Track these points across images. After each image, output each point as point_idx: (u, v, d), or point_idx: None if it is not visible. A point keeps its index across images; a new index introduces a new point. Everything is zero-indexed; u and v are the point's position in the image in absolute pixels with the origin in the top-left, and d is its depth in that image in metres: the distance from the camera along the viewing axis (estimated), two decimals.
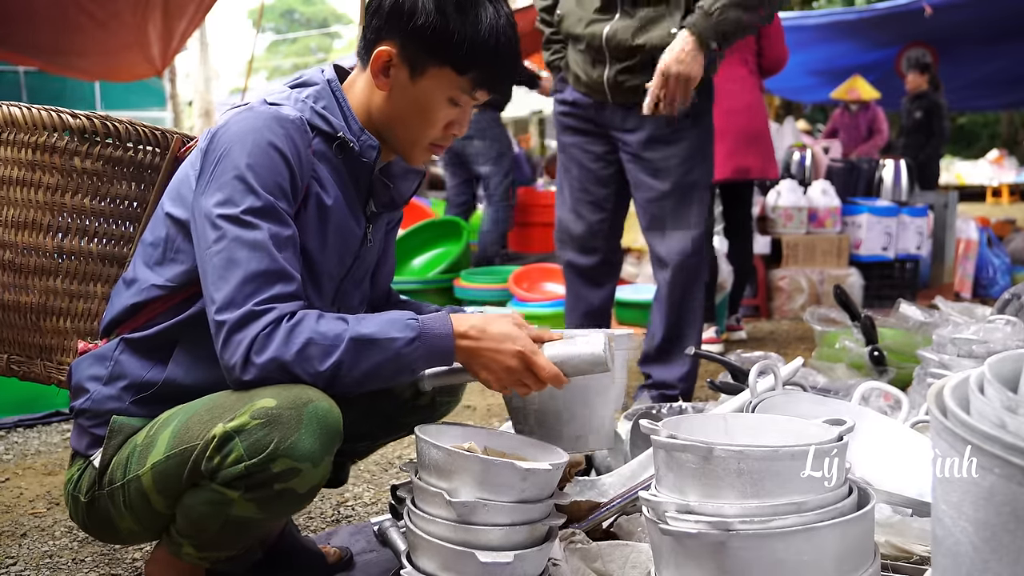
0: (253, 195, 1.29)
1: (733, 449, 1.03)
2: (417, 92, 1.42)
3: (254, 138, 1.31)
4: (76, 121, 1.49)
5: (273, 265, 1.27)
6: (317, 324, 1.27)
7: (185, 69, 10.84)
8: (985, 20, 7.26)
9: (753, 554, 1.00)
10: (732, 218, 4.21)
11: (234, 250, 1.27)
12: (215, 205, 1.29)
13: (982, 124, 21.07)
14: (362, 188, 1.49)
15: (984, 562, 0.79)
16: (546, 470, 1.29)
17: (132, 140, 1.53)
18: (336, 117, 1.43)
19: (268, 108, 1.37)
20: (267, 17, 28.35)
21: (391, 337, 1.29)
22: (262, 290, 1.26)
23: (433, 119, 1.44)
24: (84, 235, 1.54)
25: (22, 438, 2.71)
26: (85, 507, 1.39)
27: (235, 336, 1.25)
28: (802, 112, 11.87)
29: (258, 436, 1.20)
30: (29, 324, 1.56)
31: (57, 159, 1.49)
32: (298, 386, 1.25)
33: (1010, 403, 0.79)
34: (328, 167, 1.42)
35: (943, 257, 5.53)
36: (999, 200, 15.20)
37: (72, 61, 6.73)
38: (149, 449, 1.31)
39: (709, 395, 2.96)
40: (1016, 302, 2.47)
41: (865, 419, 1.67)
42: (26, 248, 1.52)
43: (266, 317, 1.25)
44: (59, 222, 1.52)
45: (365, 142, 1.44)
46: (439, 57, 1.39)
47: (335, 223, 1.43)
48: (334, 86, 1.46)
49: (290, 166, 1.33)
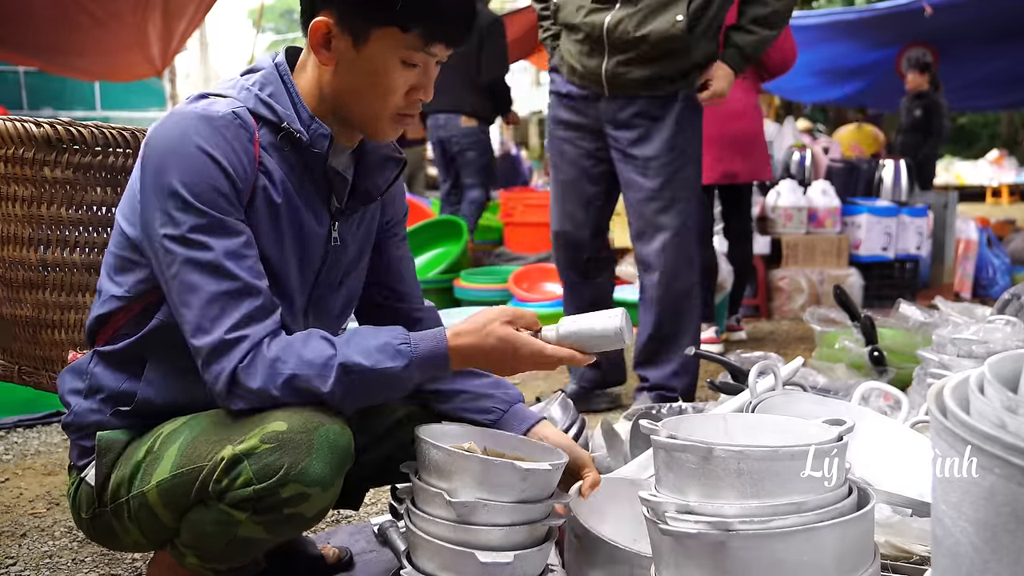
0: (192, 212, 1.21)
1: (733, 449, 1.03)
2: (364, 60, 1.29)
3: (182, 147, 1.22)
4: (40, 130, 1.45)
5: (232, 284, 1.22)
6: (297, 350, 1.23)
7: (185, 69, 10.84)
8: (985, 20, 7.26)
9: (753, 554, 1.00)
10: (731, 219, 4.22)
11: (187, 273, 1.22)
12: (160, 226, 1.23)
13: (982, 124, 21.06)
14: (319, 182, 1.37)
15: (984, 562, 0.79)
16: (546, 470, 1.29)
17: (100, 144, 1.48)
18: (283, 105, 1.31)
19: (196, 108, 1.26)
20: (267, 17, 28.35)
21: (381, 370, 1.24)
22: (228, 312, 1.21)
23: (390, 86, 1.30)
24: (65, 246, 1.51)
25: (22, 438, 2.71)
26: (88, 522, 1.38)
27: (213, 366, 1.22)
28: (802, 112, 11.86)
29: (268, 460, 1.18)
30: (28, 337, 1.56)
31: (28, 170, 1.45)
32: (309, 408, 1.23)
33: (1010, 403, 0.79)
34: (278, 159, 1.31)
35: (943, 257, 5.53)
36: (999, 200, 15.19)
37: (72, 61, 6.73)
38: (155, 464, 1.28)
39: (709, 395, 2.96)
40: (1016, 302, 2.47)
41: (865, 419, 1.67)
42: (12, 262, 1.50)
43: (240, 347, 1.21)
44: (39, 235, 1.49)
45: (315, 131, 1.32)
46: (379, 18, 1.26)
47: (289, 221, 1.33)
48: (282, 70, 1.34)
49: (224, 169, 1.23)
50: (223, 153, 1.24)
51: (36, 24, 5.66)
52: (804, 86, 9.66)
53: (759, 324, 4.77)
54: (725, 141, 3.85)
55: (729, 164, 3.89)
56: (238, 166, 1.25)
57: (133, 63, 6.59)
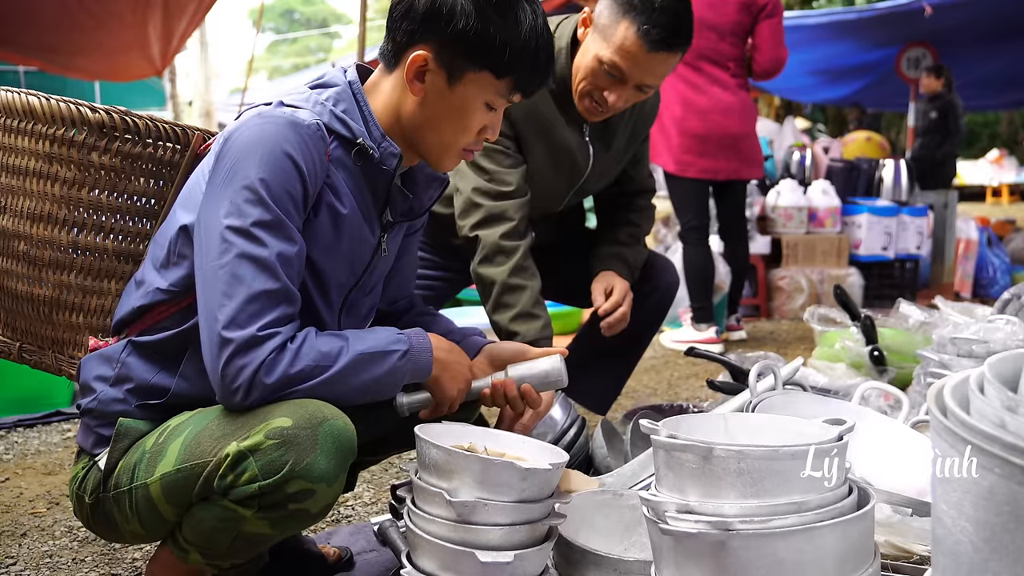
0: (263, 207, 1.25)
1: (733, 449, 1.03)
2: (454, 97, 1.37)
3: (268, 146, 1.27)
4: (95, 115, 1.45)
5: (278, 285, 1.25)
6: (317, 343, 1.27)
7: (185, 69, 10.83)
8: (985, 20, 7.27)
9: (753, 554, 1.00)
10: (725, 217, 4.19)
11: (240, 266, 1.24)
12: (224, 216, 1.25)
13: (982, 124, 21.06)
14: (379, 196, 1.45)
15: (984, 562, 0.79)
16: (546, 470, 1.29)
17: (152, 136, 1.49)
18: (356, 122, 1.38)
19: (284, 113, 1.31)
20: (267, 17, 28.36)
21: (388, 351, 1.32)
22: (265, 312, 1.23)
23: (469, 124, 1.40)
24: (100, 231, 1.51)
25: (22, 438, 2.71)
26: (90, 507, 1.38)
27: (238, 360, 1.22)
28: (802, 112, 11.87)
29: (273, 457, 1.19)
30: (42, 316, 1.55)
31: (75, 153, 1.46)
32: (312, 403, 1.24)
33: (1010, 403, 0.79)
34: (345, 173, 1.38)
35: (943, 257, 5.54)
36: (999, 200, 15.20)
37: (72, 61, 6.73)
38: (159, 458, 1.29)
39: (709, 395, 2.96)
40: (1016, 302, 2.48)
41: (865, 419, 1.67)
42: (41, 241, 1.50)
43: (271, 343, 1.23)
44: (75, 217, 1.49)
45: (386, 149, 1.39)
46: (478, 61, 1.35)
47: (348, 232, 1.40)
48: (355, 88, 1.40)
49: (303, 176, 1.29)
50: (304, 160, 1.29)
51: (36, 24, 5.66)
52: (804, 86, 9.67)
53: (759, 324, 4.77)
54: (709, 138, 3.84)
55: (712, 161, 3.87)
56: (314, 175, 1.31)
57: (133, 63, 6.59)
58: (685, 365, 3.63)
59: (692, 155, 3.86)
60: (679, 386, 3.37)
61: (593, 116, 2.02)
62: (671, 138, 3.88)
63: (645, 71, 1.90)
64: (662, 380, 3.42)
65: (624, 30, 1.87)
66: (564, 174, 2.14)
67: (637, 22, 1.86)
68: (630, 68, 1.90)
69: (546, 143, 2.07)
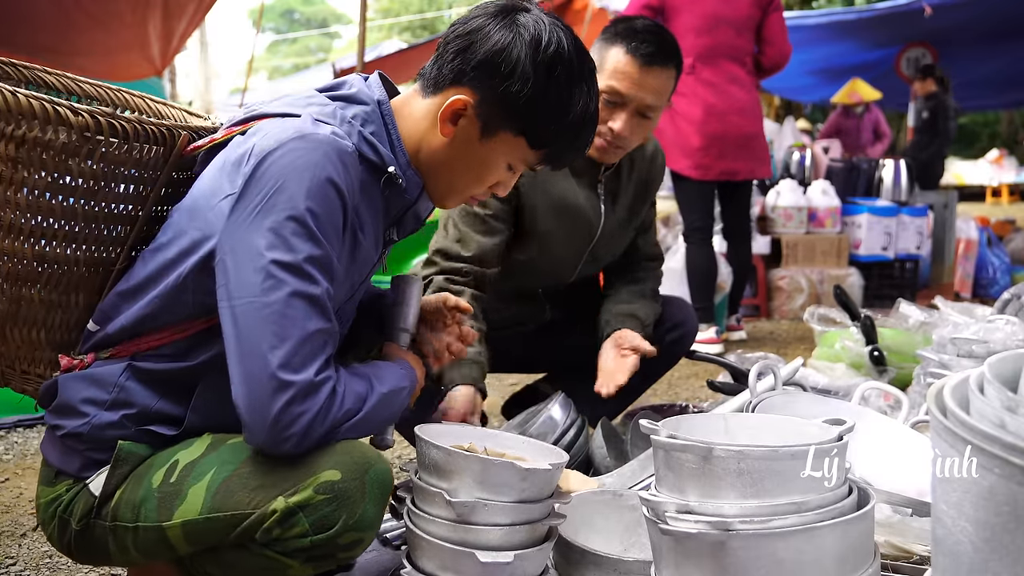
0: (313, 242, 1.17)
1: (733, 449, 1.03)
2: (482, 150, 1.33)
3: (314, 173, 1.18)
4: (79, 119, 1.25)
5: (326, 324, 1.19)
6: (352, 384, 1.24)
7: (185, 69, 10.84)
8: (985, 20, 7.27)
9: (753, 554, 1.00)
10: (731, 218, 4.19)
11: (291, 304, 1.15)
12: (268, 248, 1.16)
13: (982, 124, 21.06)
14: (392, 217, 1.41)
15: (984, 562, 0.79)
16: (546, 470, 1.29)
17: (139, 140, 1.32)
18: (385, 147, 1.32)
19: (328, 138, 1.22)
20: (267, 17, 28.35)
21: (400, 387, 1.34)
22: (318, 354, 1.17)
23: (485, 178, 1.37)
24: (72, 241, 1.31)
25: (22, 438, 2.71)
26: (76, 532, 1.28)
27: (296, 406, 1.14)
28: (802, 112, 11.87)
29: (325, 512, 1.16)
30: None
31: (49, 157, 1.24)
32: (356, 448, 1.21)
33: (1010, 403, 0.79)
34: (366, 196, 1.30)
35: (943, 257, 5.54)
36: (999, 200, 15.20)
37: (72, 61, 6.71)
38: (176, 500, 1.21)
39: (709, 395, 2.96)
40: (1016, 302, 2.48)
41: (865, 419, 1.67)
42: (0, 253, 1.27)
43: (326, 388, 1.17)
44: (44, 228, 1.28)
45: (411, 178, 1.35)
46: (518, 127, 1.30)
47: (362, 258, 1.35)
48: (385, 110, 1.34)
49: (345, 207, 1.22)
50: (348, 190, 1.22)
51: (36, 24, 5.66)
52: (804, 85, 9.67)
53: (759, 324, 4.77)
54: (727, 139, 3.85)
55: (732, 162, 3.88)
56: (353, 205, 1.25)
57: (133, 63, 6.59)
58: (685, 365, 3.62)
59: (711, 158, 3.85)
60: (679, 386, 3.37)
61: (606, 156, 2.01)
62: (691, 142, 3.87)
63: (642, 89, 1.92)
64: (662, 380, 3.41)
65: (614, 55, 1.93)
66: (575, 235, 2.10)
67: (624, 44, 1.92)
68: (627, 88, 1.91)
69: (555, 204, 2.05)
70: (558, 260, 2.11)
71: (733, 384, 2.30)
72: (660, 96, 1.95)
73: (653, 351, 2.04)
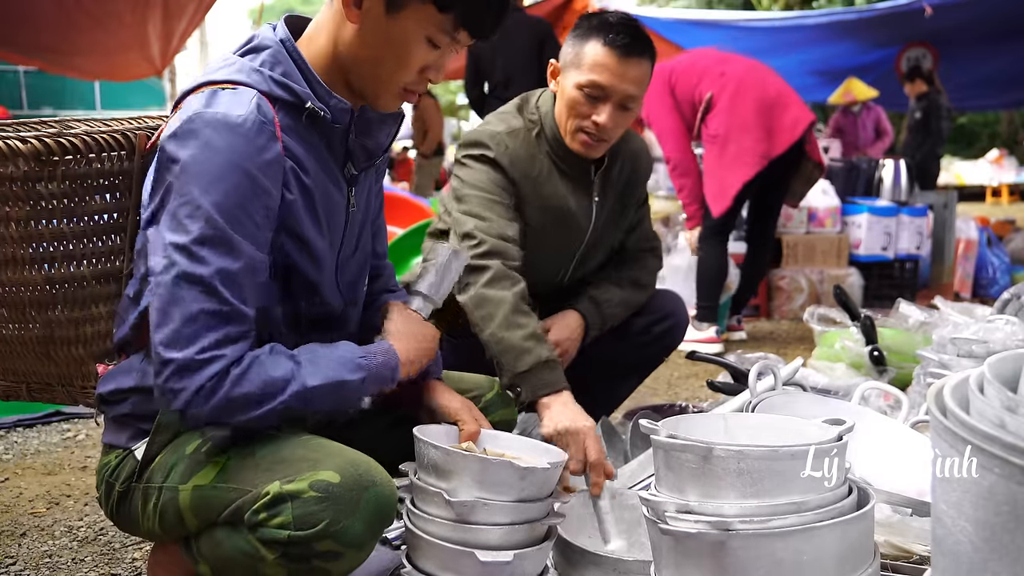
0: (204, 222, 1.19)
1: (733, 449, 1.03)
2: (392, 28, 1.28)
3: (206, 155, 1.20)
4: (28, 146, 1.31)
5: (218, 306, 1.19)
6: (267, 367, 1.21)
7: (185, 69, 10.84)
8: (985, 20, 7.26)
9: (752, 554, 1.00)
10: (758, 222, 4.12)
11: (178, 286, 1.18)
12: (167, 230, 1.20)
13: (982, 124, 21.06)
14: (338, 153, 1.38)
15: (984, 562, 0.79)
16: (544, 469, 1.29)
17: (94, 151, 1.37)
18: (298, 83, 1.30)
19: (217, 115, 1.22)
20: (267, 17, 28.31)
21: (341, 380, 1.26)
22: (204, 333, 1.18)
23: (408, 60, 1.30)
24: (71, 260, 1.40)
25: (22, 438, 2.71)
26: (118, 496, 1.35)
27: (174, 383, 1.18)
28: None
29: (311, 509, 1.15)
30: (39, 356, 1.46)
31: (19, 188, 1.33)
32: (365, 462, 1.21)
33: (1010, 403, 0.79)
34: (299, 140, 1.31)
35: (943, 257, 5.53)
36: (999, 200, 15.19)
37: (72, 61, 6.73)
38: (196, 467, 1.26)
39: (709, 395, 2.96)
40: (1016, 302, 2.47)
41: (865, 419, 1.67)
42: (14, 285, 1.38)
43: (211, 368, 1.18)
44: (41, 253, 1.37)
45: (336, 106, 1.32)
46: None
47: (320, 198, 1.34)
48: (289, 46, 1.32)
49: (252, 178, 1.21)
50: (249, 161, 1.22)
51: (36, 24, 5.66)
52: (803, 85, 9.64)
53: (759, 324, 4.77)
54: (770, 102, 3.73)
55: (784, 119, 3.71)
56: (266, 169, 1.24)
57: (133, 63, 6.59)
58: (685, 365, 3.62)
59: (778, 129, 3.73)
60: (679, 386, 3.37)
61: (591, 150, 2.00)
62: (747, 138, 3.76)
63: (623, 80, 1.92)
64: (662, 380, 3.42)
65: (591, 49, 1.93)
66: (566, 237, 2.09)
67: (601, 38, 1.93)
68: (608, 80, 1.92)
69: (547, 206, 2.04)
70: (548, 261, 2.10)
71: (733, 384, 2.30)
72: (640, 86, 1.95)
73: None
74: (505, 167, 1.98)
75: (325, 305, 1.41)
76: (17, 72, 11.31)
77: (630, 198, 2.20)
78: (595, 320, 2.08)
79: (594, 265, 2.21)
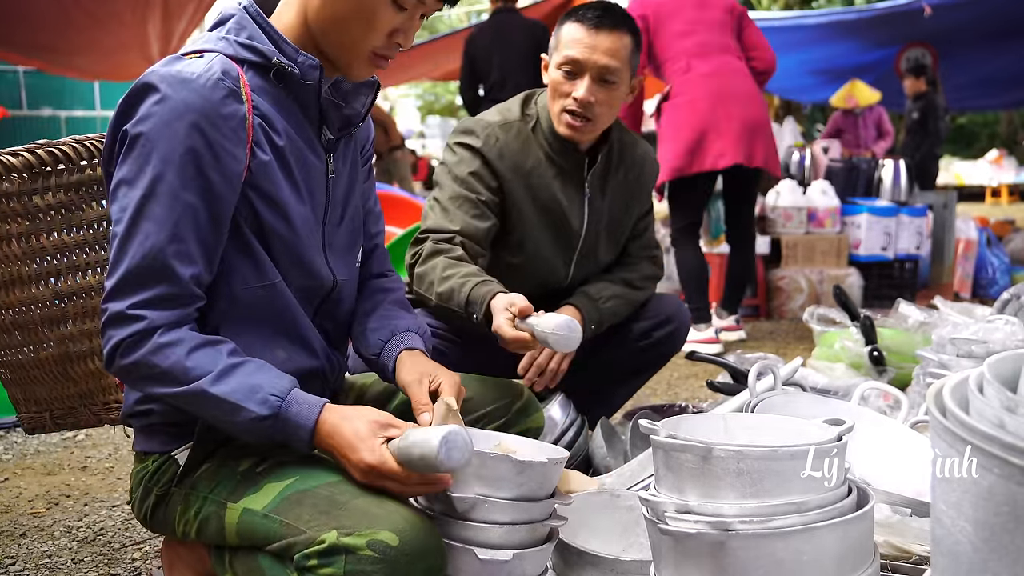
0: (151, 179, 1.20)
1: (732, 449, 1.03)
2: None
3: (158, 108, 1.21)
4: (19, 160, 1.32)
5: (156, 264, 1.21)
6: (185, 352, 1.21)
7: None
8: (985, 20, 7.27)
9: (752, 554, 1.00)
10: (735, 218, 4.14)
11: (125, 238, 1.21)
12: (124, 184, 1.22)
13: (982, 124, 21.08)
14: (312, 115, 1.37)
15: (983, 562, 0.79)
16: (542, 463, 1.29)
17: (85, 158, 1.38)
18: (263, 43, 1.31)
19: (168, 72, 1.23)
20: None
21: (240, 406, 1.21)
22: (136, 291, 1.20)
23: (375, 22, 1.30)
24: (76, 271, 1.40)
25: (22, 438, 2.71)
26: (156, 499, 1.35)
27: (107, 331, 1.22)
28: (802, 112, 11.86)
29: (365, 568, 1.13)
30: (57, 376, 1.45)
31: (16, 203, 1.33)
32: (426, 527, 1.19)
33: (1009, 403, 0.79)
34: (270, 100, 1.31)
35: (943, 257, 5.53)
36: (999, 200, 15.20)
37: (72, 60, 6.73)
38: (249, 488, 1.26)
39: (709, 395, 2.96)
40: (1016, 302, 2.48)
41: (865, 419, 1.67)
42: (23, 304, 1.38)
43: (136, 325, 1.20)
44: (45, 267, 1.38)
45: (304, 63, 1.32)
46: None
47: (295, 161, 1.34)
48: (252, 11, 1.33)
49: (202, 132, 1.22)
50: (210, 121, 1.22)
51: (36, 24, 5.66)
52: (803, 85, 9.67)
53: (759, 324, 4.77)
54: (738, 124, 3.71)
55: (748, 147, 3.75)
56: (225, 130, 1.24)
57: (132, 62, 6.59)
58: (685, 365, 3.62)
59: (726, 143, 3.76)
60: (679, 386, 3.37)
61: (578, 132, 1.99)
62: (688, 135, 3.79)
63: (595, 51, 1.93)
64: (662, 380, 3.42)
65: (565, 29, 1.98)
66: (559, 235, 2.09)
67: (572, 16, 1.98)
68: (580, 53, 1.94)
69: (539, 204, 2.04)
70: (547, 261, 2.10)
71: (733, 384, 2.30)
72: (615, 57, 1.95)
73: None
74: (491, 159, 1.99)
75: (315, 277, 1.39)
76: (17, 72, 11.32)
77: (634, 204, 2.19)
78: (592, 314, 2.05)
79: (600, 263, 2.21)
